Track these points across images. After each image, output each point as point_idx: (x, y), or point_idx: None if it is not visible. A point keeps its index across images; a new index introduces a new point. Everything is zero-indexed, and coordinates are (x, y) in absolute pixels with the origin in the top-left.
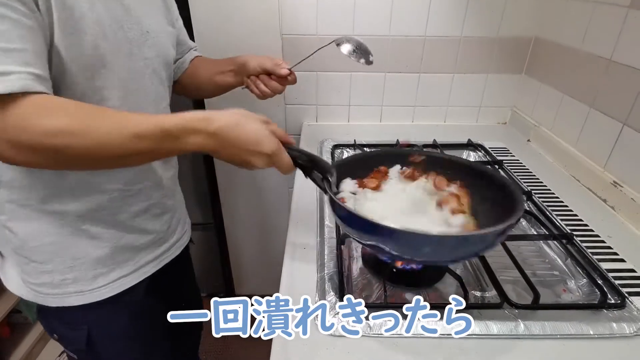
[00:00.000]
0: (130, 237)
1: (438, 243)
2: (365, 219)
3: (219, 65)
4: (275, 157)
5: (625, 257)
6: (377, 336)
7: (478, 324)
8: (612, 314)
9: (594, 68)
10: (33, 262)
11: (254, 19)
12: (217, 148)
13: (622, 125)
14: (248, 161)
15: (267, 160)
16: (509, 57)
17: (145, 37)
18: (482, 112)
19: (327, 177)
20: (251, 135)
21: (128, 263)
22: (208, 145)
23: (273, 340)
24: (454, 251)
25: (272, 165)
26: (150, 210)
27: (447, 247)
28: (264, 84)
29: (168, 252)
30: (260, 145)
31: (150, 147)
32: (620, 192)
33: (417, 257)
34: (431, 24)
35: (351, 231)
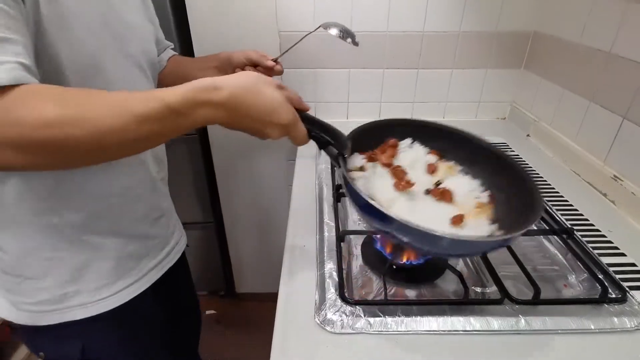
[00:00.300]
0: (135, 244)
1: (449, 244)
2: (380, 209)
3: (200, 62)
4: (292, 127)
5: (626, 251)
6: (378, 333)
7: (479, 320)
8: (613, 309)
9: (594, 62)
10: (28, 279)
11: (251, 16)
12: (228, 119)
13: (622, 119)
14: (262, 131)
15: (282, 130)
16: (508, 52)
17: (130, 32)
18: (481, 108)
19: (343, 154)
20: (267, 103)
21: (132, 272)
22: (218, 117)
23: (273, 339)
24: (462, 250)
25: (286, 135)
26: (149, 215)
27: (458, 247)
28: None
29: (169, 256)
30: (276, 114)
31: (156, 129)
32: (621, 186)
33: (426, 250)
34: (429, 19)
35: (363, 216)
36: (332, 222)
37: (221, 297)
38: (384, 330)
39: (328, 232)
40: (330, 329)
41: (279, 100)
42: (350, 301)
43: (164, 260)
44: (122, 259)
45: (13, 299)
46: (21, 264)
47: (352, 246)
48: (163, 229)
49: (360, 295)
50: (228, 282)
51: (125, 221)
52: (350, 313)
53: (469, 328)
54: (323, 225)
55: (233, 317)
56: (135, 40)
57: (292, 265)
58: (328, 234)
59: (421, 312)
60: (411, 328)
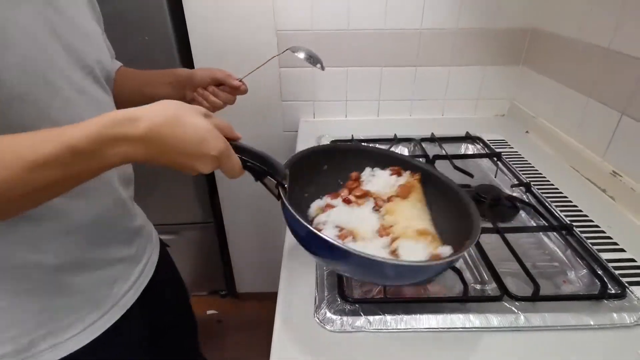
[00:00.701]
0: (105, 271)
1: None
2: (323, 238)
3: (152, 77)
4: (224, 158)
5: (625, 247)
6: (377, 331)
7: (478, 317)
8: (613, 304)
9: (592, 58)
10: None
11: (249, 15)
12: (148, 155)
13: (621, 114)
14: (190, 165)
15: (213, 163)
16: (507, 48)
17: (84, 41)
18: (480, 105)
19: (282, 183)
20: (193, 133)
21: (106, 300)
22: (137, 154)
23: (273, 337)
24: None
25: (218, 167)
26: (118, 238)
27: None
28: (214, 95)
29: (143, 274)
30: (204, 145)
31: (58, 175)
32: (620, 182)
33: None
34: (427, 16)
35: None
36: None
37: (222, 297)
38: (384, 328)
39: None
40: (330, 327)
41: (207, 129)
42: (349, 299)
43: (139, 280)
44: (93, 289)
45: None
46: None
47: None
48: (133, 248)
49: (360, 293)
50: (229, 282)
51: (95, 251)
52: (349, 311)
53: (468, 325)
54: None
55: (234, 316)
56: (89, 48)
57: (291, 264)
58: None
59: (421, 310)
60: (411, 326)
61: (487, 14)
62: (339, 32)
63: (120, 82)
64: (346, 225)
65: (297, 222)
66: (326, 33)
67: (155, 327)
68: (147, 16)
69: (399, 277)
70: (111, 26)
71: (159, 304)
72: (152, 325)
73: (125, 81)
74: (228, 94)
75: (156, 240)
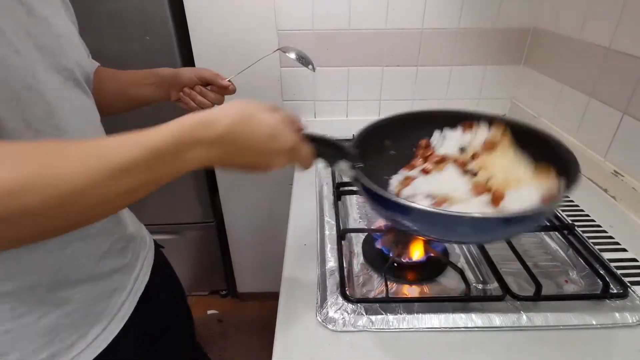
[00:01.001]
0: (101, 284)
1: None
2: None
3: (133, 77)
4: (296, 150)
5: (627, 246)
6: (379, 330)
7: (480, 317)
8: (615, 304)
9: (593, 57)
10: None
11: (250, 14)
12: (224, 157)
13: (622, 114)
14: (263, 163)
15: (286, 157)
16: (508, 48)
17: (59, 42)
18: (481, 104)
19: (356, 164)
20: (262, 131)
21: (104, 313)
22: (212, 157)
23: (275, 337)
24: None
25: (292, 160)
26: (113, 248)
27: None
28: (202, 95)
29: (138, 280)
30: (277, 140)
31: (142, 180)
32: (621, 182)
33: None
34: (428, 16)
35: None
36: (333, 220)
37: (222, 297)
38: (386, 328)
39: (329, 230)
40: (332, 327)
41: (275, 125)
42: (351, 299)
43: (134, 287)
44: (92, 303)
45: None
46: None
47: (353, 244)
48: (128, 256)
49: (362, 293)
50: (229, 282)
51: (91, 264)
52: (351, 311)
53: (470, 325)
54: (324, 223)
55: (234, 316)
56: (66, 50)
57: (293, 264)
58: (329, 232)
59: (423, 310)
60: (413, 325)
61: (489, 13)
62: (340, 31)
63: (99, 83)
64: (437, 192)
65: (388, 201)
66: (327, 33)
67: (152, 332)
68: (148, 16)
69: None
70: (112, 26)
71: (155, 308)
72: (149, 330)
73: (106, 82)
74: (217, 93)
75: (150, 242)
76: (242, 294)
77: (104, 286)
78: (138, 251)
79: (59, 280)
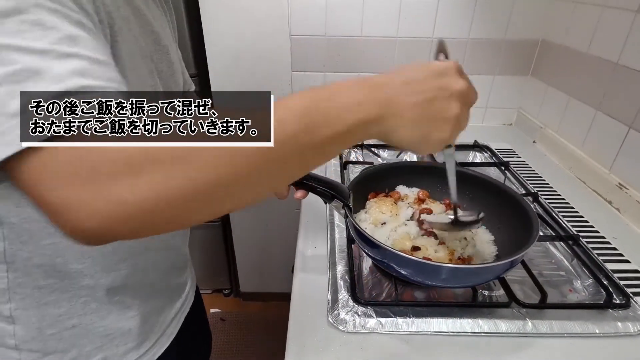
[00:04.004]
0: (158, 298)
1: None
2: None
3: None
4: (470, 91)
5: (630, 258)
6: (389, 333)
7: (487, 322)
8: (617, 314)
9: (601, 71)
10: (49, 354)
11: (264, 19)
12: (389, 97)
13: (629, 128)
14: (444, 88)
15: (459, 73)
16: (516, 59)
17: (172, 69)
18: (488, 113)
19: (347, 204)
20: (416, 64)
21: (154, 328)
22: (370, 102)
23: (287, 337)
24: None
25: (465, 107)
26: (176, 264)
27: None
28: None
29: (186, 300)
30: (433, 63)
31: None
32: (626, 194)
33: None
34: (439, 25)
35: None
36: (342, 224)
37: (226, 296)
38: (395, 330)
39: (339, 234)
40: (343, 328)
41: (443, 64)
42: (362, 302)
43: (182, 308)
44: (146, 315)
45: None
46: (42, 337)
47: None
48: (183, 275)
49: (371, 296)
50: (233, 281)
51: (156, 275)
52: (362, 313)
53: (477, 330)
54: (334, 227)
55: (237, 315)
56: (176, 75)
57: (304, 266)
58: (339, 235)
59: (431, 314)
60: (421, 329)
61: (498, 24)
62: (351, 38)
63: None
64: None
65: (365, 238)
66: (339, 39)
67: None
68: None
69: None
70: None
71: (189, 332)
72: (184, 353)
73: None
74: None
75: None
76: (245, 294)
77: (159, 300)
78: (188, 273)
79: (128, 285)
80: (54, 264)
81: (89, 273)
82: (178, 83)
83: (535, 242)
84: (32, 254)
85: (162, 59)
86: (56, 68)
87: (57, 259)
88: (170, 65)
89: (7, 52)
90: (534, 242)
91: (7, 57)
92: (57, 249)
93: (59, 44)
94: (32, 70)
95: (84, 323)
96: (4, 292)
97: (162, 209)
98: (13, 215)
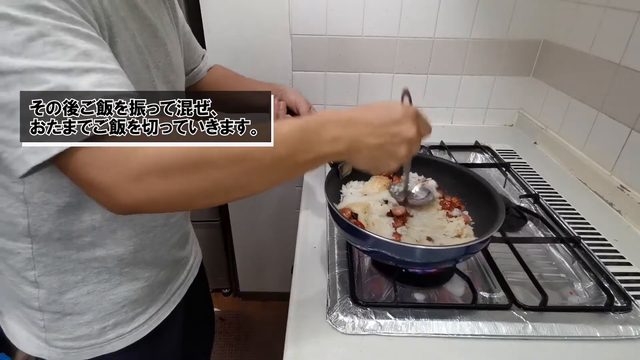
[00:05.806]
0: (166, 271)
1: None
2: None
3: (254, 85)
4: (418, 115)
5: (631, 260)
6: (388, 335)
7: (487, 325)
8: (618, 317)
9: (603, 72)
10: (68, 315)
11: (264, 17)
12: (355, 137)
13: (630, 130)
14: (396, 135)
15: (413, 121)
16: (517, 59)
17: (169, 59)
18: (489, 114)
19: (335, 165)
20: (382, 106)
21: (160, 296)
22: (342, 139)
23: (286, 338)
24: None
25: (417, 127)
26: (181, 240)
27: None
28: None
29: (189, 273)
30: (394, 110)
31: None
32: (627, 196)
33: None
34: (440, 25)
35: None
36: None
37: (225, 295)
38: (394, 332)
39: (338, 234)
40: (342, 329)
41: (402, 109)
42: (361, 303)
43: (186, 280)
44: (155, 286)
45: (45, 336)
46: (61, 301)
47: None
48: (187, 250)
49: (370, 297)
50: (232, 281)
51: (163, 250)
52: (361, 314)
53: (477, 332)
54: (333, 227)
55: (236, 315)
56: (174, 66)
57: (303, 267)
58: (338, 236)
59: (431, 316)
60: (421, 331)
61: (500, 25)
62: (352, 37)
63: (216, 81)
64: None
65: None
66: (340, 38)
67: (187, 334)
68: None
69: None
70: None
71: (191, 308)
72: (186, 323)
73: (224, 81)
74: None
75: (197, 241)
76: (245, 293)
77: (166, 272)
78: (192, 247)
79: (137, 258)
80: (70, 237)
81: (99, 245)
82: (177, 72)
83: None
84: (50, 229)
85: (159, 51)
86: (80, 83)
87: (72, 234)
88: (167, 55)
89: (41, 73)
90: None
91: (40, 77)
92: (70, 227)
93: (78, 60)
94: (62, 86)
95: (97, 290)
96: (29, 260)
97: (182, 201)
98: (36, 197)
